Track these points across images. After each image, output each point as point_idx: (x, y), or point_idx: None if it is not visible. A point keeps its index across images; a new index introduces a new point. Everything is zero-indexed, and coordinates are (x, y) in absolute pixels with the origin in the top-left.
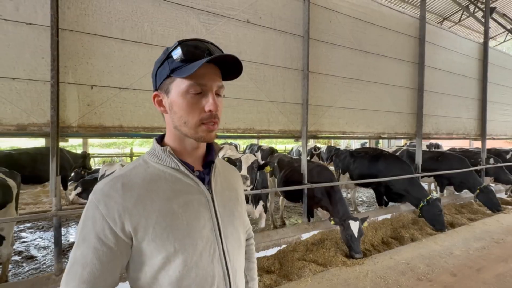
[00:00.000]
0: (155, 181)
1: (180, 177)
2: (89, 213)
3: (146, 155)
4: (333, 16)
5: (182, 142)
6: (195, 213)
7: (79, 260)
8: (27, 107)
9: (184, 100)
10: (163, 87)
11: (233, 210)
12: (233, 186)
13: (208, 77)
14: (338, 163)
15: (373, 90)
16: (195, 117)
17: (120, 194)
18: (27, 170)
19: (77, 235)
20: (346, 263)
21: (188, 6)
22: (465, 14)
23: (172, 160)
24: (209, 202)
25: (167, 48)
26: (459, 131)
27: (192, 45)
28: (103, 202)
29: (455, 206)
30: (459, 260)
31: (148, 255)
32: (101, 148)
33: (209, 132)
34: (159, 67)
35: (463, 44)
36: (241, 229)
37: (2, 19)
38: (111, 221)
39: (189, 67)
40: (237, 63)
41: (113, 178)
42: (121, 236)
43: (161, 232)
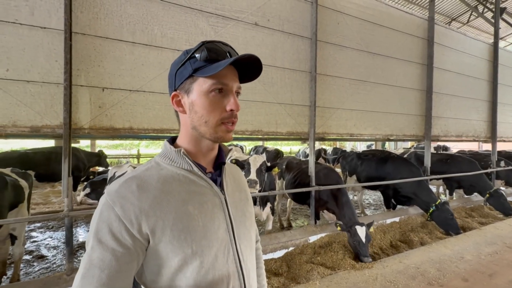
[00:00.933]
0: (169, 183)
1: (194, 178)
2: (104, 215)
3: (158, 157)
4: (341, 18)
5: (198, 144)
6: (210, 214)
7: (96, 263)
8: (41, 109)
9: (206, 99)
10: (184, 87)
11: (244, 210)
12: (242, 187)
13: (229, 77)
14: (345, 165)
15: (381, 91)
16: (216, 116)
17: (136, 195)
18: (42, 169)
19: (90, 238)
20: (354, 267)
21: (197, 9)
22: (473, 14)
23: (186, 162)
24: (222, 203)
25: (188, 50)
26: (468, 133)
27: (215, 46)
28: (119, 203)
29: (465, 209)
30: (471, 265)
31: (165, 257)
32: (109, 149)
33: (228, 132)
34: (180, 67)
35: (472, 45)
36: (252, 229)
37: (18, 23)
38: (127, 222)
39: (213, 67)
40: (256, 66)
41: (127, 179)
42: (138, 238)
43: (179, 234)
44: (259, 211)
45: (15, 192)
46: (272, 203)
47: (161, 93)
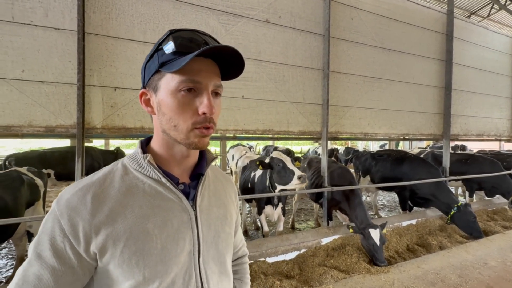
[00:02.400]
0: (132, 194)
1: (161, 190)
2: (48, 226)
3: (126, 159)
4: (355, 13)
5: (171, 149)
6: (174, 234)
7: (31, 281)
8: (55, 109)
9: (174, 99)
10: (151, 83)
11: (219, 230)
12: (223, 202)
13: (204, 74)
14: (358, 165)
15: (396, 89)
16: (187, 120)
17: (89, 208)
18: (61, 168)
19: (30, 251)
20: (370, 271)
21: (208, 7)
22: (495, 7)
23: (153, 171)
24: (191, 221)
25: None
26: (490, 132)
27: (186, 36)
28: (67, 216)
29: (486, 212)
30: (495, 272)
31: (114, 280)
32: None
33: (202, 137)
34: (148, 60)
35: (494, 39)
36: (227, 252)
37: (33, 24)
38: (73, 239)
39: (181, 60)
40: (237, 59)
41: (82, 186)
42: (84, 257)
43: (130, 257)
44: (271, 211)
45: (31, 190)
46: (283, 203)
47: None
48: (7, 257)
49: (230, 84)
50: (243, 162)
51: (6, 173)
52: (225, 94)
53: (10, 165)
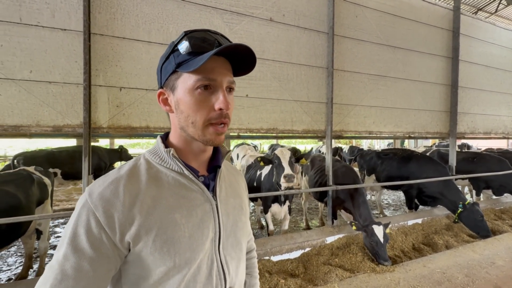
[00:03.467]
0: (157, 186)
1: (184, 182)
2: (82, 219)
3: (148, 154)
4: (359, 11)
5: (189, 145)
6: (199, 223)
7: (70, 274)
8: (62, 109)
9: (191, 97)
10: (169, 83)
11: (237, 219)
12: (238, 193)
13: (218, 72)
14: (363, 164)
15: (402, 87)
16: (203, 116)
17: (121, 200)
18: (68, 167)
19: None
20: (375, 270)
21: (211, 6)
22: (502, 3)
23: (176, 164)
24: (213, 210)
25: (173, 41)
26: (498, 130)
27: (200, 36)
28: (102, 208)
29: (494, 211)
30: (503, 272)
31: (145, 268)
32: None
33: (217, 135)
34: (164, 61)
35: (502, 35)
36: (243, 240)
37: (40, 26)
38: (109, 230)
39: (196, 60)
40: (249, 55)
41: (113, 179)
42: (118, 246)
43: (161, 246)
44: (278, 209)
45: (41, 189)
46: (290, 202)
47: None
48: (16, 254)
49: None
50: (247, 161)
51: (16, 172)
52: None
53: (19, 164)
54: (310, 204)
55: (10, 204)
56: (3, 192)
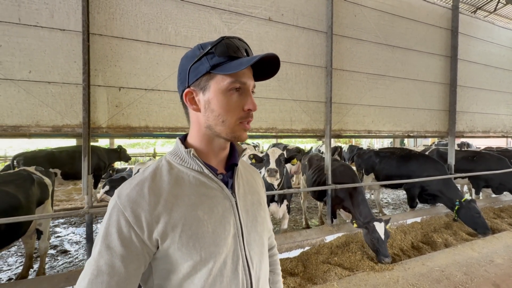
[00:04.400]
0: (179, 185)
1: (205, 180)
2: (113, 219)
3: (169, 156)
4: (358, 10)
5: (210, 143)
6: (220, 219)
7: (105, 270)
8: (61, 109)
9: (225, 97)
10: (199, 84)
11: (256, 215)
12: (255, 190)
13: (247, 76)
14: (360, 163)
15: (401, 86)
16: (235, 116)
17: (147, 200)
18: (67, 167)
19: (98, 243)
20: (374, 268)
21: (210, 6)
22: (501, 2)
23: (196, 163)
24: (233, 207)
25: (202, 45)
26: (497, 128)
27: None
28: (130, 208)
29: (493, 210)
30: (502, 270)
31: (174, 263)
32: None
33: (244, 131)
34: (195, 62)
35: (501, 34)
36: (264, 235)
37: (39, 26)
38: (138, 228)
39: (234, 64)
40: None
41: (138, 181)
42: (147, 244)
43: (187, 241)
44: (276, 208)
45: (41, 189)
46: (288, 201)
47: (176, 92)
48: (16, 254)
49: None
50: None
51: (17, 173)
52: None
53: (18, 165)
54: (310, 203)
55: (10, 205)
56: (3, 193)
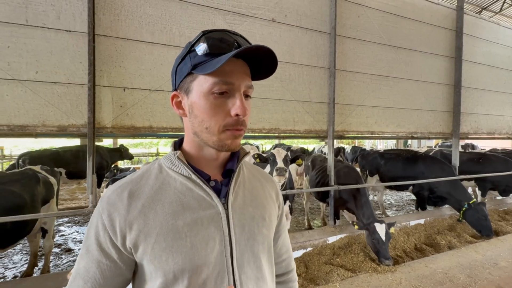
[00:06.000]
0: (164, 190)
1: (192, 187)
2: (93, 222)
3: (162, 159)
4: (362, 11)
5: (201, 150)
6: (203, 232)
7: (81, 273)
8: (67, 109)
9: (207, 101)
10: (183, 86)
11: (255, 232)
12: (260, 202)
13: (236, 75)
14: (365, 164)
15: (404, 87)
16: (219, 122)
17: (125, 204)
18: (72, 167)
19: (83, 244)
20: (376, 270)
21: (214, 7)
22: (507, 2)
23: (184, 168)
24: (222, 220)
25: (190, 41)
26: (502, 130)
27: (218, 37)
28: (107, 211)
29: (498, 212)
30: (506, 272)
31: (148, 276)
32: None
33: (234, 139)
34: (180, 62)
35: (507, 34)
36: (263, 256)
37: (46, 27)
38: (112, 233)
39: (214, 62)
40: (270, 58)
41: (122, 184)
42: (122, 251)
43: (160, 254)
44: None
45: (46, 188)
46: (291, 202)
47: None
48: (21, 252)
49: None
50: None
51: (22, 172)
52: None
53: (24, 164)
54: (312, 204)
55: (15, 204)
56: (9, 192)
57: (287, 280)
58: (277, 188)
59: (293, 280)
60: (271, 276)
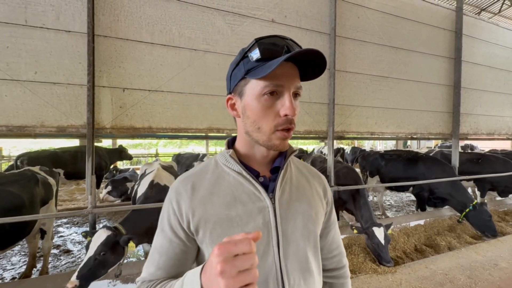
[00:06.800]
0: (219, 184)
1: (243, 182)
2: (165, 208)
3: (218, 155)
4: (361, 12)
5: (252, 148)
6: (253, 223)
7: (157, 248)
8: (66, 110)
9: (258, 103)
10: (237, 89)
11: (300, 226)
12: (306, 197)
13: (285, 77)
14: (365, 165)
15: (404, 88)
16: (269, 123)
17: (189, 194)
18: (70, 167)
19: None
20: (376, 271)
21: (214, 8)
22: (506, 3)
23: (235, 164)
24: (269, 213)
25: (243, 48)
26: (501, 131)
27: (269, 42)
28: (175, 199)
29: (497, 213)
30: (506, 273)
31: (206, 257)
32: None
33: (283, 140)
34: (234, 68)
35: (506, 35)
36: (309, 250)
37: (45, 28)
38: (180, 217)
39: (265, 67)
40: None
41: (186, 177)
42: (188, 233)
43: (216, 239)
44: None
45: (45, 189)
46: None
47: (179, 93)
48: (20, 254)
49: None
50: None
51: (21, 172)
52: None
53: (22, 164)
54: None
55: (14, 205)
56: (8, 193)
57: (338, 276)
58: (325, 185)
59: (345, 276)
60: (317, 269)
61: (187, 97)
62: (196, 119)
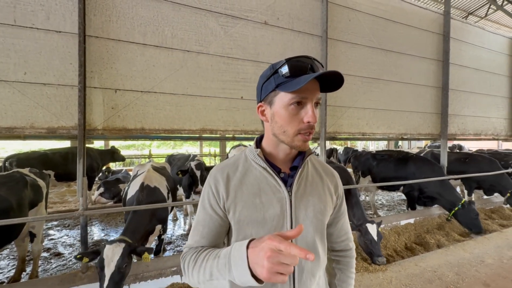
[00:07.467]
0: (247, 176)
1: (267, 176)
2: (205, 190)
3: (248, 151)
4: (352, 15)
5: (276, 148)
6: (272, 210)
7: (200, 221)
8: (56, 111)
9: (286, 111)
10: (267, 99)
11: (310, 215)
12: (318, 192)
13: (309, 91)
14: (357, 165)
15: (394, 89)
16: (294, 127)
17: (225, 181)
18: (61, 169)
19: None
20: (368, 269)
21: (207, 9)
22: (492, 8)
23: (261, 161)
24: (286, 204)
25: (273, 65)
26: (488, 131)
27: (297, 61)
28: (214, 183)
29: (484, 211)
30: (492, 269)
31: (234, 233)
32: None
33: (304, 142)
34: (265, 81)
35: (491, 39)
36: (317, 236)
37: (35, 28)
38: (217, 197)
39: (294, 83)
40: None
41: (223, 166)
42: (223, 210)
43: (243, 219)
44: None
45: (34, 191)
46: None
47: (172, 94)
48: (9, 257)
49: (230, 85)
50: None
51: (9, 175)
52: (225, 95)
53: (11, 166)
54: None
55: (1, 208)
56: None
57: (345, 255)
58: (337, 182)
59: (351, 256)
60: (323, 252)
61: (180, 98)
62: (189, 120)
